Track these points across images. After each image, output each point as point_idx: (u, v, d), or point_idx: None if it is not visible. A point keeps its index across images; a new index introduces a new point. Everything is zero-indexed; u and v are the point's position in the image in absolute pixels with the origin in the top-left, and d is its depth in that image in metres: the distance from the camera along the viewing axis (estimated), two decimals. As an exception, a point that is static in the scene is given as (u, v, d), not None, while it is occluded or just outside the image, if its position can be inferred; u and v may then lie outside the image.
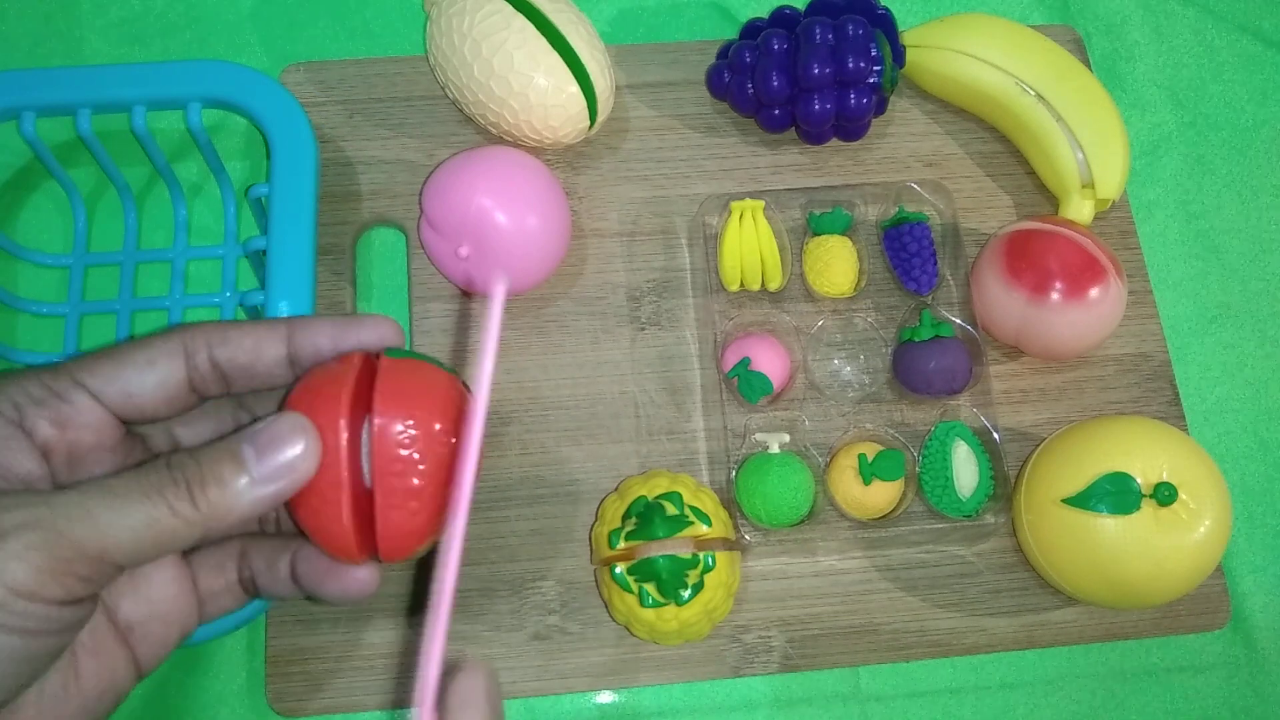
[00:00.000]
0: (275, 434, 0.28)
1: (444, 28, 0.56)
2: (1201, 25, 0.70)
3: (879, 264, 0.58)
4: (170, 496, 0.27)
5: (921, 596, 0.54)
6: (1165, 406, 0.58)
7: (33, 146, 0.53)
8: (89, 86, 0.52)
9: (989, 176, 0.62)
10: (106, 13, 0.64)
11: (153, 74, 0.54)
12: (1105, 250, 0.55)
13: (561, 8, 0.56)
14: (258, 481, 0.28)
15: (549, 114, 0.55)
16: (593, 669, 0.51)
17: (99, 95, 0.52)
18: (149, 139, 0.54)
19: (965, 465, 0.52)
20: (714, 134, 0.62)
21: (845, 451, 0.53)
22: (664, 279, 0.59)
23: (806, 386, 0.55)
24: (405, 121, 0.61)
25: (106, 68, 0.54)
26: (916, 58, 0.61)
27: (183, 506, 0.27)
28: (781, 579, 0.53)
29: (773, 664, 0.52)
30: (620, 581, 0.48)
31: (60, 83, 0.52)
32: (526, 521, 0.54)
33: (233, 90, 0.53)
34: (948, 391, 0.54)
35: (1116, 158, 0.58)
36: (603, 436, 0.55)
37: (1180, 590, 0.50)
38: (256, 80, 0.53)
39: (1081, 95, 0.59)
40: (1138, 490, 0.48)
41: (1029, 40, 0.61)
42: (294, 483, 0.28)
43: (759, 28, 0.60)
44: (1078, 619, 0.54)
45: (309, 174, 0.52)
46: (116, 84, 0.53)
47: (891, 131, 0.63)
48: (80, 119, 0.52)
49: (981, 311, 0.56)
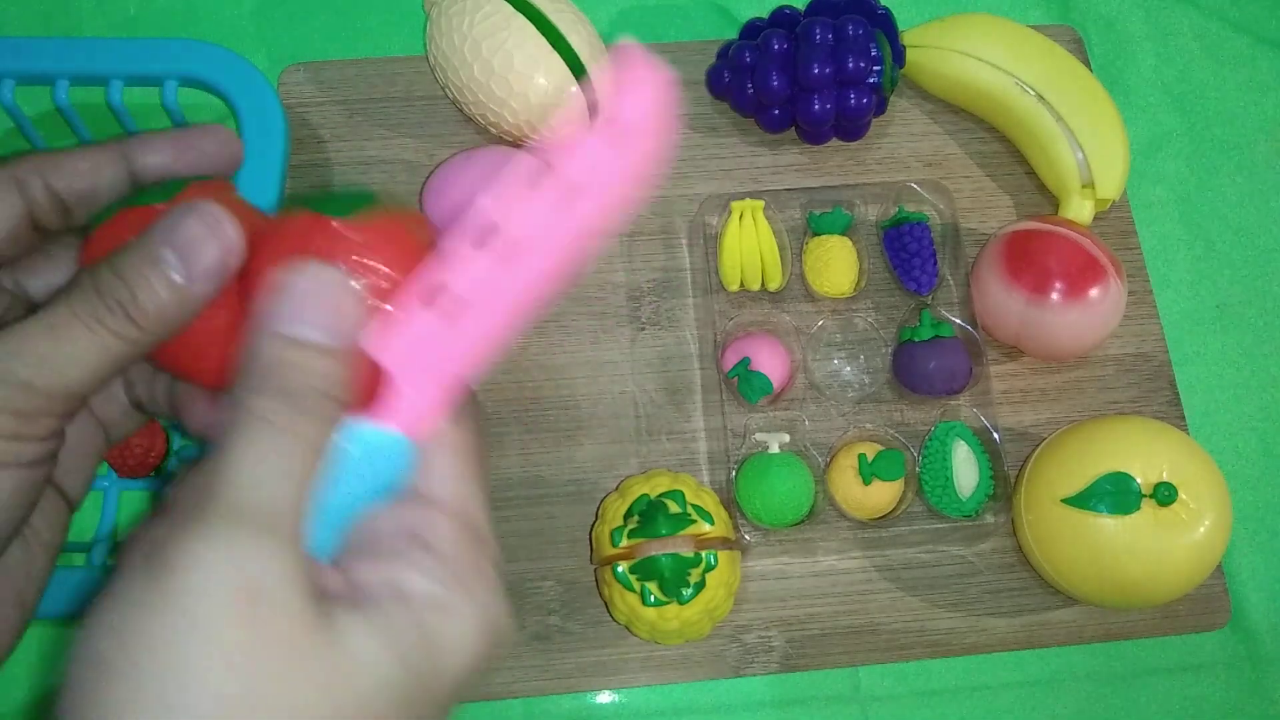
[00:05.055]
0: (193, 234, 0.26)
1: (444, 28, 0.56)
2: (1201, 25, 0.70)
3: (879, 264, 0.58)
4: (110, 323, 0.26)
5: (921, 596, 0.54)
6: (1165, 406, 0.58)
7: (11, 114, 0.54)
8: (68, 57, 0.53)
9: (989, 176, 0.62)
10: (105, 12, 0.64)
11: (131, 49, 0.54)
12: (1105, 250, 0.55)
13: (561, 8, 0.55)
14: (188, 283, 0.26)
15: (549, 114, 0.55)
16: (593, 669, 0.51)
17: (77, 66, 0.53)
18: (125, 114, 0.55)
19: (965, 465, 0.52)
20: (714, 134, 0.62)
21: (845, 451, 0.53)
22: (664, 279, 0.59)
23: (806, 386, 0.55)
24: (405, 121, 0.61)
25: (87, 40, 0.55)
26: (916, 58, 0.61)
27: (126, 328, 0.26)
28: (781, 579, 0.53)
29: (773, 664, 0.52)
30: (623, 580, 0.48)
31: (40, 52, 0.53)
32: (526, 521, 0.54)
33: (207, 70, 0.54)
34: (948, 391, 0.54)
35: (1116, 158, 0.58)
36: (603, 436, 0.55)
37: (1180, 590, 0.50)
38: (232, 62, 0.54)
39: (1081, 95, 0.59)
40: (1138, 490, 0.48)
41: (1029, 40, 0.61)
42: (223, 280, 0.27)
43: (759, 28, 0.60)
44: (1078, 619, 0.54)
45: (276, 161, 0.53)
46: (95, 56, 0.53)
47: (891, 131, 0.63)
48: (58, 89, 0.53)
49: (981, 311, 0.56)
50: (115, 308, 0.26)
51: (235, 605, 0.21)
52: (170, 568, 0.22)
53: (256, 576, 0.22)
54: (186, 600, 0.21)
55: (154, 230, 0.26)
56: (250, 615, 0.21)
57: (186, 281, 0.26)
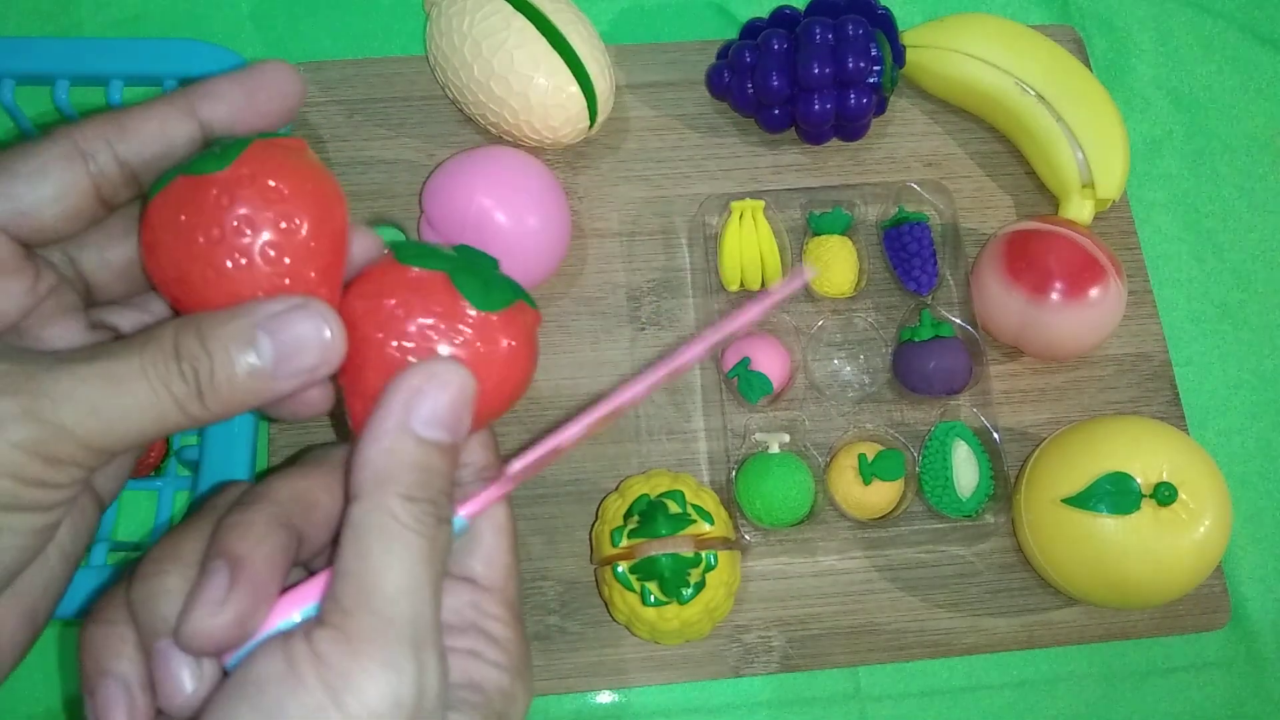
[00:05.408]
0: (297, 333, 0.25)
1: (444, 28, 0.56)
2: (1201, 25, 0.70)
3: (879, 264, 0.58)
4: (178, 391, 0.24)
5: (921, 596, 0.54)
6: (1165, 406, 0.58)
7: (11, 114, 0.54)
8: (68, 57, 0.53)
9: (989, 176, 0.62)
10: (105, 12, 0.64)
11: (131, 49, 0.54)
12: (1105, 250, 0.55)
13: (561, 8, 0.55)
14: (272, 379, 0.25)
15: (549, 114, 0.55)
16: (593, 669, 0.51)
17: (77, 66, 0.53)
18: None
19: (965, 465, 0.52)
20: (714, 134, 0.62)
21: (845, 451, 0.53)
22: (664, 279, 0.59)
23: (806, 386, 0.55)
24: (405, 121, 0.61)
25: (87, 40, 0.55)
26: (916, 58, 0.61)
27: (191, 403, 0.24)
28: (781, 579, 0.53)
29: (773, 664, 0.52)
30: (623, 580, 0.48)
31: (40, 52, 0.53)
32: (526, 521, 0.54)
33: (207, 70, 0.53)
34: (948, 391, 0.54)
35: (1116, 158, 0.58)
36: (603, 436, 0.55)
37: (1180, 590, 0.50)
38: (232, 62, 0.54)
39: (1081, 95, 0.59)
40: (1138, 490, 0.48)
41: (1029, 40, 0.61)
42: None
43: (759, 28, 0.60)
44: (1078, 619, 0.54)
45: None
46: (95, 56, 0.53)
47: (891, 131, 0.63)
48: (58, 89, 0.53)
49: (981, 311, 0.56)
50: (190, 378, 0.24)
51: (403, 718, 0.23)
52: (350, 684, 0.22)
53: (426, 692, 0.23)
54: (362, 715, 0.22)
55: (258, 310, 0.25)
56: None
57: (272, 376, 0.25)
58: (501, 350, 0.27)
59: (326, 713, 0.22)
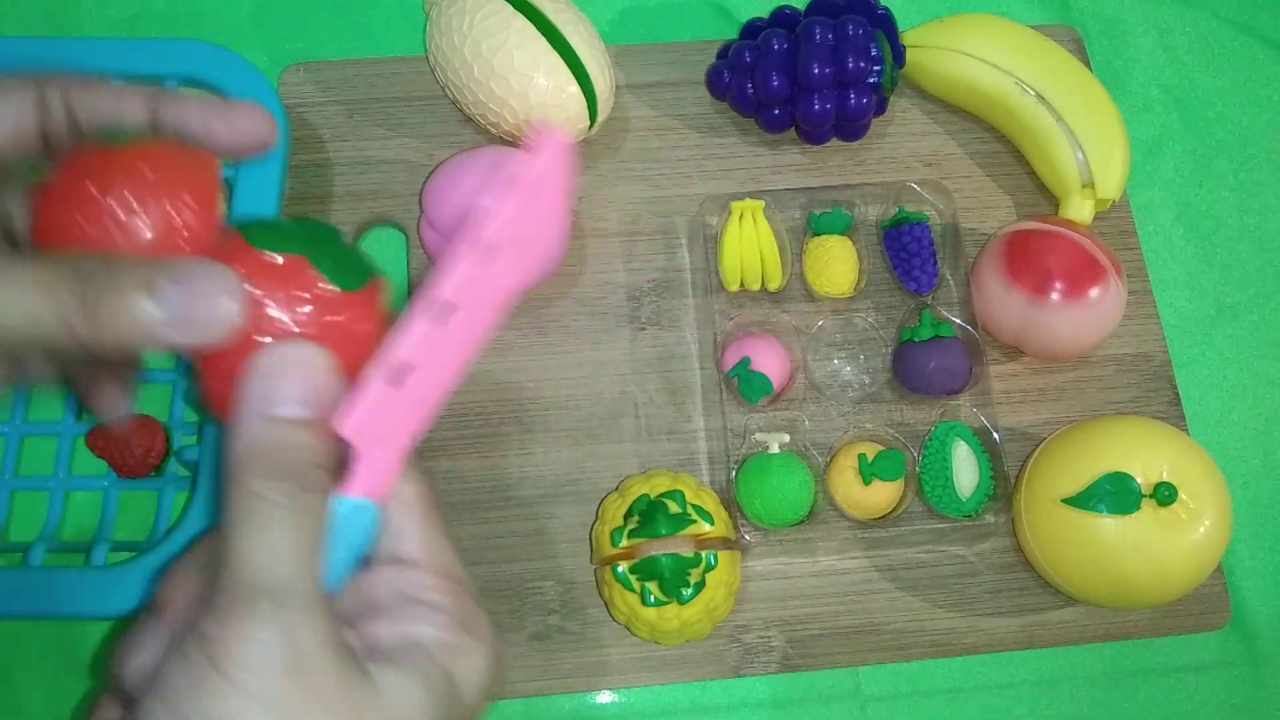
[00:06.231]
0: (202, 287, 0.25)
1: (444, 28, 0.56)
2: (1201, 25, 0.70)
3: (879, 264, 0.58)
4: (65, 304, 0.24)
5: (921, 596, 0.54)
6: (1165, 406, 0.58)
7: None
8: (68, 57, 0.53)
9: (989, 176, 0.62)
10: (106, 12, 0.64)
11: (131, 49, 0.54)
12: (1105, 250, 0.55)
13: (561, 8, 0.56)
14: (164, 325, 0.25)
15: (549, 114, 0.55)
16: (593, 669, 0.51)
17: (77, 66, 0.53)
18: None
19: (965, 465, 0.52)
20: (714, 134, 0.62)
21: (845, 451, 0.53)
22: (664, 279, 0.59)
23: (806, 386, 0.55)
24: (405, 121, 0.61)
25: (87, 40, 0.55)
26: (916, 58, 0.61)
27: (76, 321, 0.24)
28: (781, 579, 0.53)
29: (773, 664, 0.52)
30: (623, 580, 0.48)
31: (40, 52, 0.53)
32: (526, 521, 0.54)
33: (207, 70, 0.54)
34: (948, 391, 0.54)
35: (1116, 158, 0.58)
36: (603, 436, 0.55)
37: (1180, 590, 0.50)
38: (232, 62, 0.54)
39: (1081, 95, 0.59)
40: (1138, 490, 0.48)
41: (1029, 40, 0.61)
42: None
43: (759, 28, 0.60)
44: (1078, 619, 0.54)
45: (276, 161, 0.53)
46: (95, 56, 0.53)
47: (891, 131, 0.63)
48: None
49: (981, 311, 0.56)
50: (82, 297, 0.24)
51: (286, 673, 0.23)
52: (226, 650, 0.23)
53: (301, 644, 0.23)
54: (244, 675, 0.23)
55: (173, 263, 0.25)
56: (299, 680, 0.23)
57: (166, 323, 0.25)
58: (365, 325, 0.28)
59: (210, 678, 0.23)
